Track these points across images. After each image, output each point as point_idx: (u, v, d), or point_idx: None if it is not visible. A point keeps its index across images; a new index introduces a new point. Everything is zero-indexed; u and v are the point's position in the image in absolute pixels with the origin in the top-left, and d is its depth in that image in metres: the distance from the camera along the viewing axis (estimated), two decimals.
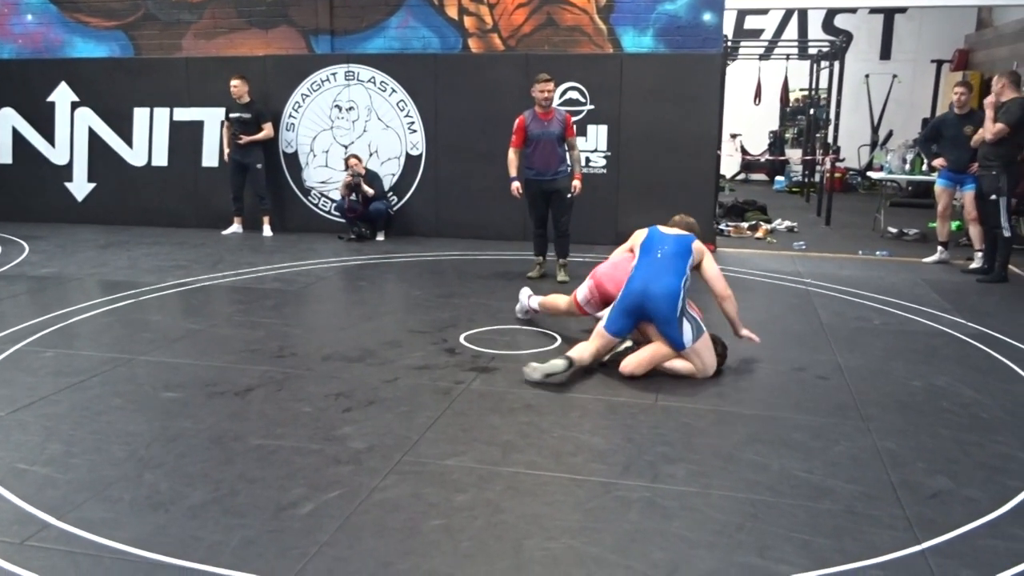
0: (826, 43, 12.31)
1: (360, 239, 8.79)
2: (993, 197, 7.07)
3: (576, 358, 4.42)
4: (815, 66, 13.18)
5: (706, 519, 3.00)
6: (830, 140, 10.82)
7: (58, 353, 4.87)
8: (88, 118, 9.71)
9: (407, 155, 9.06)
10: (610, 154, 8.57)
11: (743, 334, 4.78)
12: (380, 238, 8.85)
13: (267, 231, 9.13)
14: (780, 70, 13.79)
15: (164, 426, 3.81)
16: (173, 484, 3.22)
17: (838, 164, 12.01)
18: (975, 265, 7.56)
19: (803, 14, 14.71)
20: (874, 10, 14.40)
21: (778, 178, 14.57)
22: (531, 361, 4.50)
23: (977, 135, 7.19)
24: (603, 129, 8.55)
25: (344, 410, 4.03)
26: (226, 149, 9.10)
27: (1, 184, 9.99)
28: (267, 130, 8.99)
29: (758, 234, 9.41)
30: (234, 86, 8.82)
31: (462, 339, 5.19)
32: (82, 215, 9.82)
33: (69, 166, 9.88)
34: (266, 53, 9.40)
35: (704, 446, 3.70)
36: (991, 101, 7.03)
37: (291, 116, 9.23)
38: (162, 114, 9.54)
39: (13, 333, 5.26)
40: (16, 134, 9.91)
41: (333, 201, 9.15)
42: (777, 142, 15.05)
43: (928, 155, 8.54)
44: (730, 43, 12.33)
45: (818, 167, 11.77)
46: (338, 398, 4.19)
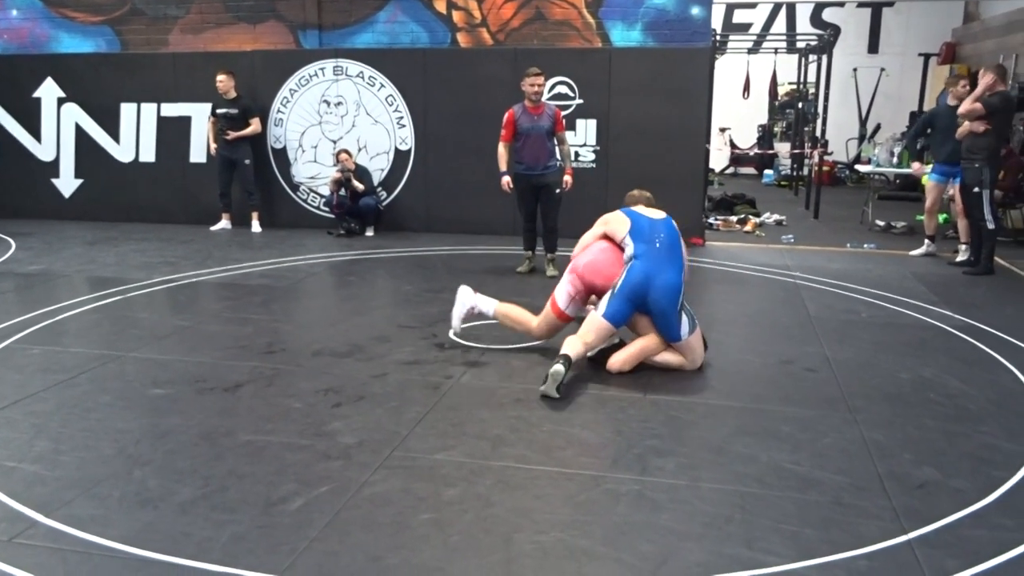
0: (814, 37, 12.35)
1: (349, 234, 8.78)
2: (976, 190, 7.12)
3: (574, 356, 4.29)
4: (803, 60, 13.21)
5: (695, 511, 3.02)
6: (818, 134, 10.85)
7: (46, 350, 4.85)
8: (75, 114, 9.65)
9: (396, 150, 9.04)
10: (599, 148, 8.58)
11: None
12: (369, 233, 8.84)
13: (256, 227, 9.10)
14: (768, 64, 13.81)
15: (153, 423, 3.80)
16: (162, 481, 3.22)
17: (826, 158, 12.07)
18: (961, 258, 7.61)
19: (791, 8, 14.76)
20: (862, 4, 14.46)
21: (767, 172, 14.60)
22: (517, 353, 4.50)
23: (961, 128, 7.22)
24: (592, 123, 8.55)
25: (334, 405, 4.03)
26: (212, 145, 9.06)
27: None
28: (255, 125, 8.95)
29: (747, 228, 9.43)
30: (220, 81, 8.78)
31: (452, 334, 5.19)
32: (69, 212, 9.77)
33: (56, 162, 9.81)
34: (254, 48, 9.36)
35: (693, 439, 3.72)
36: (975, 93, 7.10)
37: (279, 111, 9.20)
38: (149, 110, 9.49)
39: (0, 330, 5.24)
40: (2, 130, 9.83)
41: (322, 196, 9.13)
42: (766, 136, 15.08)
43: (913, 151, 8.48)
44: (719, 37, 12.34)
45: (806, 161, 11.81)
46: (327, 393, 4.19)
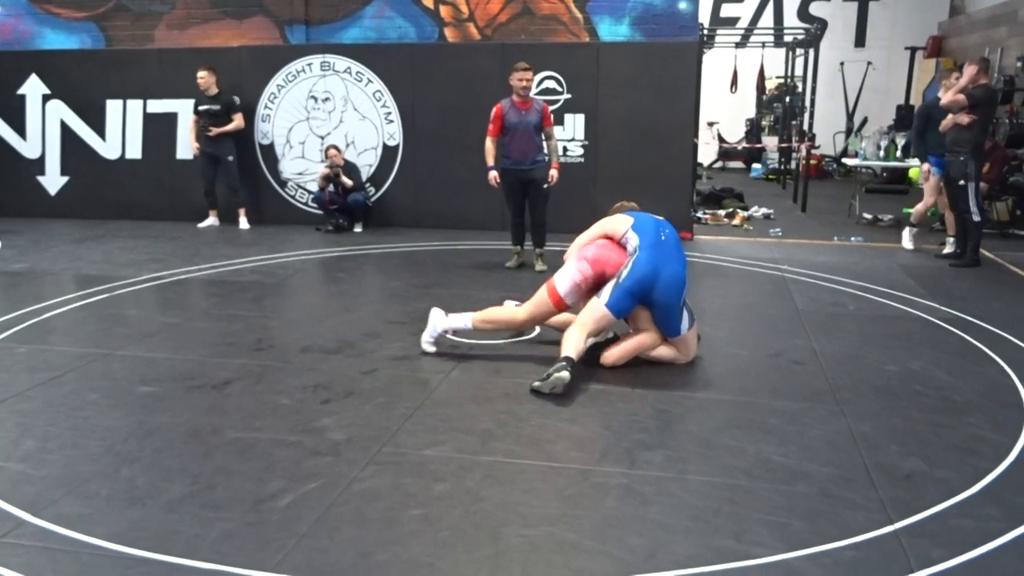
0: (801, 31, 12.37)
1: (338, 230, 8.76)
2: (961, 183, 7.16)
3: (576, 356, 4.23)
4: (791, 54, 13.24)
5: (683, 504, 3.03)
6: (806, 127, 10.89)
7: (32, 349, 4.82)
8: (60, 111, 9.58)
9: (384, 146, 9.03)
10: (587, 143, 8.58)
11: None
12: (358, 229, 8.82)
13: (243, 223, 9.07)
14: (756, 58, 13.83)
15: (141, 421, 3.79)
16: (150, 479, 3.21)
17: (814, 151, 12.10)
18: (948, 250, 7.65)
19: (779, 2, 14.78)
20: None
21: (755, 166, 14.63)
22: (506, 348, 4.48)
23: (945, 121, 7.25)
24: (580, 118, 8.55)
25: (323, 402, 4.03)
26: (194, 143, 9.01)
27: None
28: (237, 121, 8.90)
29: (735, 221, 9.46)
30: (201, 78, 8.72)
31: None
32: (55, 209, 9.70)
33: (41, 160, 9.74)
34: (240, 44, 9.32)
35: (681, 432, 3.73)
36: (958, 85, 7.14)
37: (267, 107, 9.16)
38: (135, 106, 9.43)
39: None
40: None
41: (311, 192, 9.11)
42: (754, 130, 15.11)
43: (921, 152, 7.99)
44: (706, 31, 12.37)
45: (794, 154, 11.84)
46: (316, 390, 4.18)
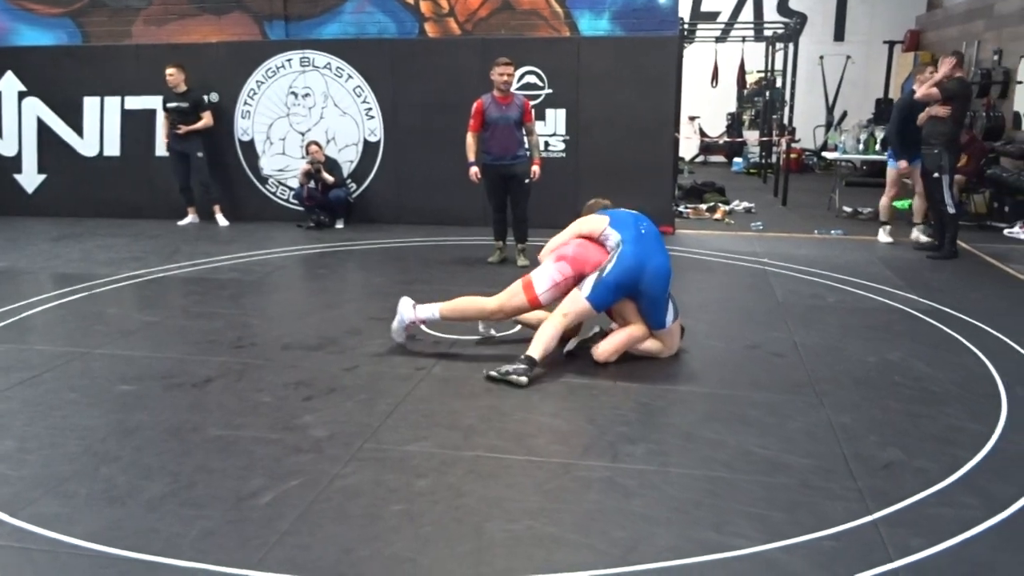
0: (781, 25, 12.43)
1: (319, 227, 8.72)
2: (936, 175, 7.22)
3: (539, 356, 4.23)
4: (771, 48, 13.30)
5: (665, 496, 3.05)
6: (786, 121, 10.94)
7: (9, 348, 4.77)
8: (36, 108, 9.47)
9: (365, 141, 8.99)
10: (569, 138, 8.58)
11: None
12: (340, 226, 8.78)
13: (221, 220, 9.01)
14: (737, 52, 13.88)
15: (120, 419, 3.76)
16: (130, 477, 3.19)
17: (794, 145, 12.17)
18: (915, 236, 7.86)
19: None
20: None
21: (736, 160, 14.71)
22: (488, 343, 4.48)
23: (922, 115, 7.30)
24: (561, 113, 8.55)
25: (304, 399, 4.01)
26: (164, 140, 8.95)
27: None
28: (206, 119, 8.81)
29: (716, 215, 9.50)
30: (170, 75, 8.64)
31: (423, 326, 5.17)
32: (33, 208, 9.59)
33: (18, 157, 9.63)
34: (219, 40, 9.24)
35: (663, 425, 3.75)
36: (934, 78, 7.20)
37: (246, 104, 9.10)
38: (113, 103, 9.34)
39: None
40: None
41: (291, 189, 9.05)
42: (735, 124, 15.18)
43: (899, 150, 7.84)
44: (686, 25, 12.38)
45: (775, 148, 11.90)
46: (298, 387, 4.17)
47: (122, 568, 2.60)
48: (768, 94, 12.97)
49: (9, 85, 9.49)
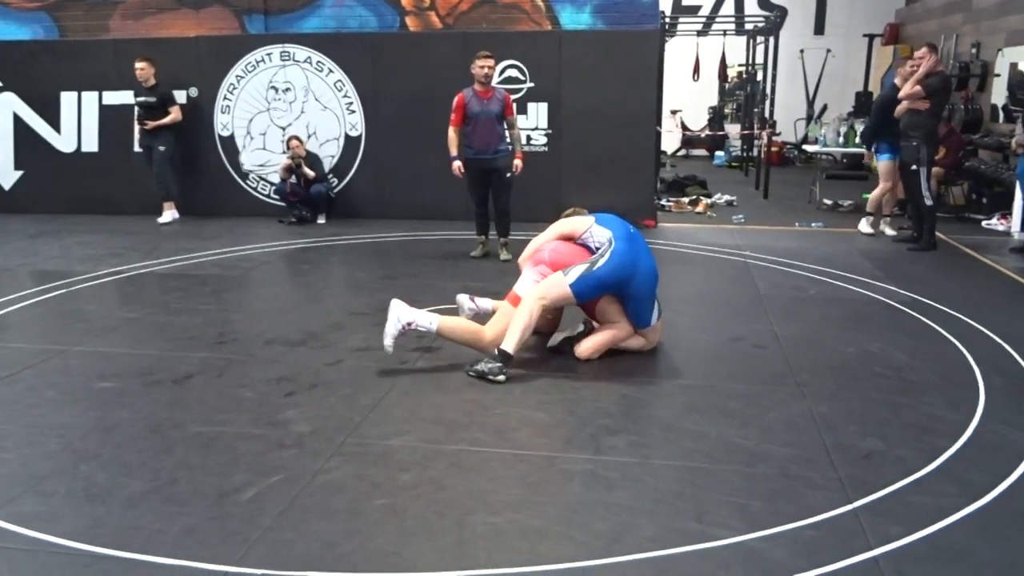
0: (762, 18, 12.47)
1: (301, 222, 8.67)
2: (914, 167, 7.27)
3: (512, 350, 4.17)
4: (751, 41, 13.35)
5: (646, 488, 3.06)
6: (767, 115, 10.99)
7: None
8: (12, 103, 9.35)
9: (346, 136, 8.95)
10: (551, 132, 8.58)
11: None
12: (322, 221, 8.74)
13: (164, 217, 8.80)
14: (718, 46, 13.92)
15: (100, 417, 3.73)
16: (110, 475, 3.17)
17: (775, 138, 12.23)
18: (883, 228, 8.02)
19: None
20: None
21: (718, 153, 14.75)
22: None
23: (900, 107, 7.35)
24: (543, 107, 8.55)
25: (287, 394, 4.00)
26: (136, 134, 8.88)
27: None
28: (174, 114, 8.72)
29: (698, 209, 9.52)
30: (139, 69, 8.55)
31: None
32: (9, 204, 9.47)
33: None
34: (198, 34, 9.17)
35: (645, 417, 3.76)
36: (917, 75, 7.22)
37: (226, 98, 9.03)
38: (91, 98, 9.24)
39: None
40: None
41: (272, 184, 9.00)
42: (716, 118, 15.22)
43: (870, 142, 8.19)
44: (668, 19, 12.41)
45: (756, 141, 11.95)
46: (280, 382, 4.15)
47: (103, 566, 2.58)
48: (749, 87, 13.02)
49: None
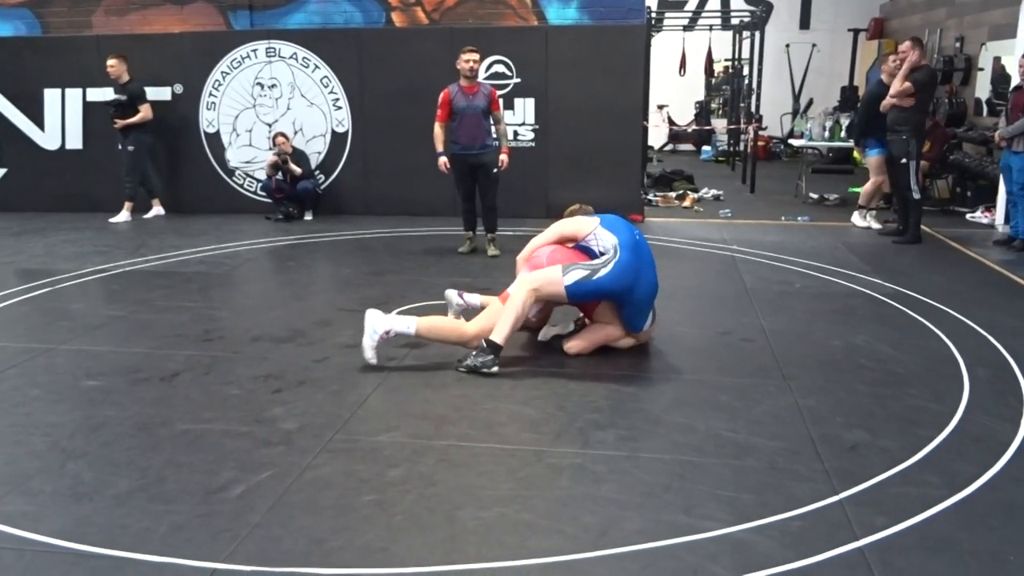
0: (748, 13, 12.50)
1: (288, 219, 8.64)
2: (903, 161, 7.32)
3: (502, 340, 4.17)
4: (737, 36, 13.37)
5: (635, 481, 3.07)
6: (753, 109, 11.02)
7: None
8: None
9: (333, 132, 8.92)
10: (538, 127, 8.58)
11: None
12: (308, 217, 8.71)
13: (120, 216, 8.72)
14: (704, 41, 13.94)
15: (87, 415, 3.71)
16: (97, 473, 3.15)
17: (761, 133, 12.27)
18: (870, 221, 8.05)
19: None
20: None
21: (705, 148, 14.79)
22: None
23: (886, 102, 7.38)
24: (530, 102, 8.55)
25: (274, 391, 3.99)
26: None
27: None
28: (144, 112, 8.63)
29: (685, 203, 9.55)
30: (111, 66, 8.49)
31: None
32: None
33: None
34: (182, 30, 9.11)
35: (633, 411, 3.77)
36: (903, 71, 7.25)
37: (211, 95, 8.98)
38: (74, 95, 9.17)
39: None
40: None
41: (259, 181, 8.97)
42: (703, 112, 15.25)
43: (858, 137, 8.20)
44: (654, 14, 12.43)
45: (743, 136, 11.99)
46: (267, 379, 4.14)
47: (91, 565, 2.57)
48: (736, 82, 13.05)
49: None
